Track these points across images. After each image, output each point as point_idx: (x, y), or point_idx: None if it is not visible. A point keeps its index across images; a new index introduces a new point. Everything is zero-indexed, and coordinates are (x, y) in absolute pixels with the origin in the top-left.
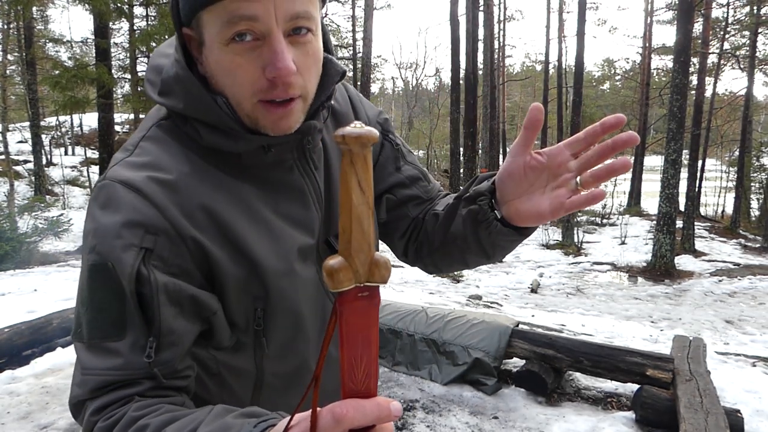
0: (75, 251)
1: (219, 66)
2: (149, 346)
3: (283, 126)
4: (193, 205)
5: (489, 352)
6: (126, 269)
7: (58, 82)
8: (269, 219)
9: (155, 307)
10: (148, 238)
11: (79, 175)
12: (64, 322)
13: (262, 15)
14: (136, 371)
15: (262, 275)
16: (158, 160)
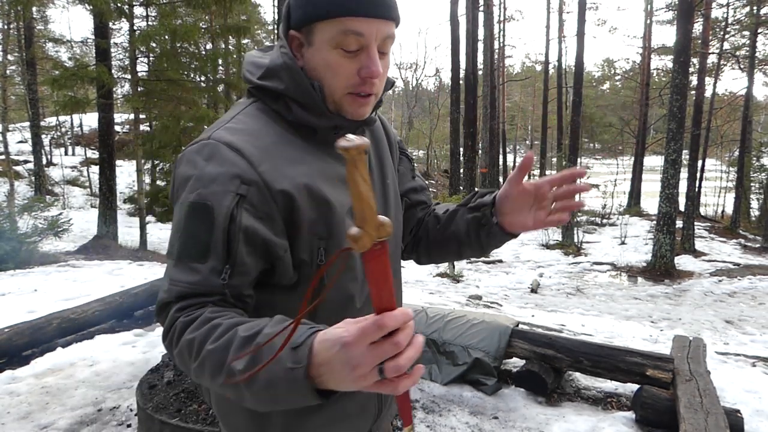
0: (75, 251)
1: (324, 63)
2: (225, 272)
3: (360, 113)
4: (281, 162)
5: (489, 352)
6: (223, 210)
7: (56, 81)
8: (334, 180)
9: (236, 243)
10: (243, 188)
11: (79, 175)
12: (64, 322)
13: (367, 33)
14: (211, 288)
15: (329, 218)
16: (252, 129)
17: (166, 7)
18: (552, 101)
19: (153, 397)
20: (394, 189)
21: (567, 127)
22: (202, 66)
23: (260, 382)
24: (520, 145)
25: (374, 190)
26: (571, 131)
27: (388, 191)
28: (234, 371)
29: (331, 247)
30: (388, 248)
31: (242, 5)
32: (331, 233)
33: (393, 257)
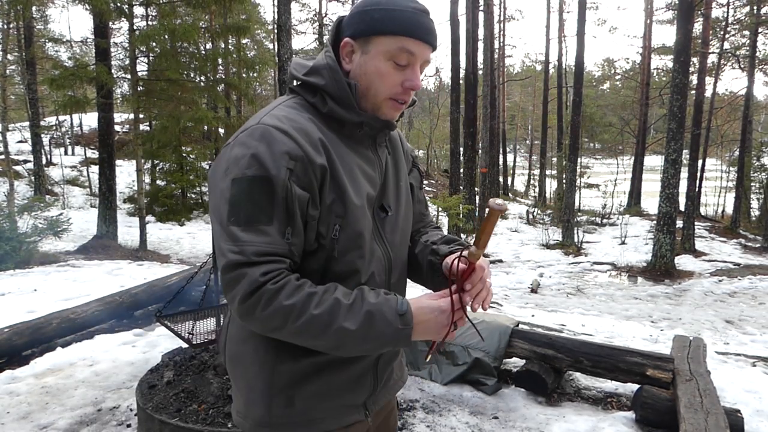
0: (75, 251)
1: (376, 70)
2: (288, 233)
3: (393, 115)
4: (317, 142)
5: (489, 352)
6: (281, 181)
7: (54, 81)
8: (354, 169)
9: (294, 208)
10: (291, 163)
11: (78, 175)
12: (64, 322)
13: (417, 54)
14: (280, 248)
15: (345, 200)
16: (292, 117)
17: (165, 6)
18: (552, 101)
19: (153, 397)
20: (406, 190)
21: (567, 126)
22: (201, 66)
23: (371, 339)
24: (520, 144)
25: (390, 187)
26: (571, 131)
27: (400, 191)
28: (347, 330)
29: (345, 226)
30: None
31: (242, 5)
32: (347, 213)
33: (402, 251)
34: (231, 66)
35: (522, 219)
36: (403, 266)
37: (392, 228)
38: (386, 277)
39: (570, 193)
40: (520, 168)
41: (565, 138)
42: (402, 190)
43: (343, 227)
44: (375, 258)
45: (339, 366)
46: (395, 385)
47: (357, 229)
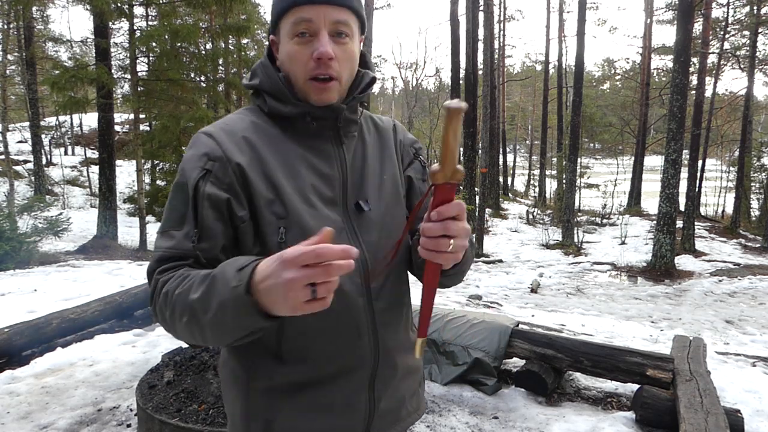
0: (75, 251)
1: (286, 53)
2: (194, 235)
3: (324, 98)
4: (241, 140)
5: (489, 352)
6: (191, 182)
7: (56, 82)
8: (296, 165)
9: (201, 209)
10: (210, 164)
11: (78, 175)
12: (64, 322)
13: (315, 18)
14: (184, 251)
15: (283, 199)
16: (230, 121)
17: (166, 7)
18: (552, 101)
19: (153, 397)
20: (393, 184)
21: (567, 127)
22: (201, 66)
23: (212, 308)
24: (520, 144)
25: (368, 182)
26: (571, 131)
27: (383, 185)
28: (193, 301)
29: (290, 227)
30: (455, 189)
31: (242, 5)
32: (289, 213)
33: (386, 251)
34: (231, 66)
35: (522, 219)
36: (389, 270)
37: (370, 226)
38: (362, 281)
39: (570, 193)
40: (520, 168)
41: (565, 138)
42: (386, 185)
43: (289, 229)
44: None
45: (320, 384)
46: (408, 417)
47: (306, 229)
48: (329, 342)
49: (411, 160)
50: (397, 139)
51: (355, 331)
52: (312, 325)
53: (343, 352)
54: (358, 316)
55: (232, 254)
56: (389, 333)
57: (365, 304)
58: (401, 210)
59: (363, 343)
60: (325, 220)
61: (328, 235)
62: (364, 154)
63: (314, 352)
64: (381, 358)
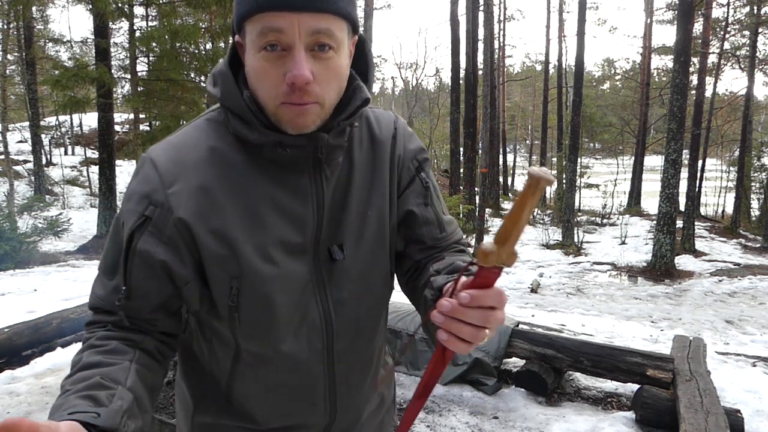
0: (75, 251)
1: (252, 69)
2: (122, 293)
3: (300, 123)
4: (193, 186)
5: (489, 352)
6: (126, 231)
7: (58, 81)
8: (260, 210)
9: (131, 265)
10: (150, 209)
11: (78, 175)
12: (64, 322)
13: (287, 28)
14: (111, 307)
15: (239, 257)
16: (184, 144)
17: (166, 7)
18: (552, 101)
19: None
20: (377, 223)
21: (567, 126)
22: (202, 66)
23: None
24: (520, 144)
25: (348, 220)
26: (571, 131)
27: (367, 223)
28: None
29: (245, 288)
30: (499, 275)
31: None
32: (243, 272)
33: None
34: None
35: None
36: (361, 326)
37: (342, 278)
38: (324, 345)
39: (570, 193)
40: (520, 168)
41: (565, 138)
42: (369, 223)
43: (243, 291)
44: (306, 323)
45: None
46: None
47: (262, 293)
48: (279, 404)
49: (411, 178)
50: (395, 153)
51: (309, 400)
52: (262, 384)
53: (294, 416)
54: (314, 384)
55: (174, 309)
56: (352, 392)
57: (325, 370)
58: (385, 252)
59: (317, 408)
60: (288, 279)
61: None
62: (349, 181)
63: (262, 409)
64: (338, 416)
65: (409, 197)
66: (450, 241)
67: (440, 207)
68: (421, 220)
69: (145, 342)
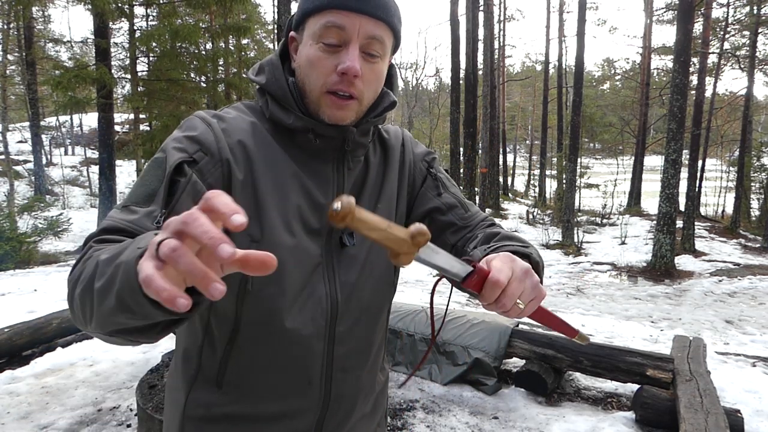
0: (75, 251)
1: (307, 58)
2: (160, 216)
3: (339, 116)
4: (236, 141)
5: (489, 352)
6: (172, 160)
7: (59, 82)
8: (288, 185)
9: (179, 193)
10: (199, 155)
11: (78, 175)
12: (64, 322)
13: (349, 27)
14: (141, 229)
15: (262, 219)
16: (229, 116)
17: (166, 7)
18: (552, 101)
19: (153, 397)
20: (387, 215)
21: (567, 126)
22: (202, 66)
23: (108, 273)
24: (520, 144)
25: (362, 204)
26: (571, 131)
27: (376, 213)
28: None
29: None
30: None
31: (242, 5)
32: (263, 237)
33: (364, 293)
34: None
35: (522, 219)
36: (364, 312)
37: (350, 264)
38: (326, 324)
39: (570, 193)
40: (520, 168)
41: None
42: (379, 214)
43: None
44: (312, 299)
45: (258, 422)
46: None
47: (277, 258)
48: (274, 383)
49: (424, 177)
50: (405, 158)
51: (305, 378)
52: (259, 362)
53: (288, 395)
54: (312, 362)
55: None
56: (347, 379)
57: (324, 349)
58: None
59: (312, 389)
60: (302, 253)
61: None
62: (365, 180)
63: (256, 390)
64: (331, 404)
65: (426, 194)
66: (478, 219)
67: (457, 191)
68: (443, 207)
69: None
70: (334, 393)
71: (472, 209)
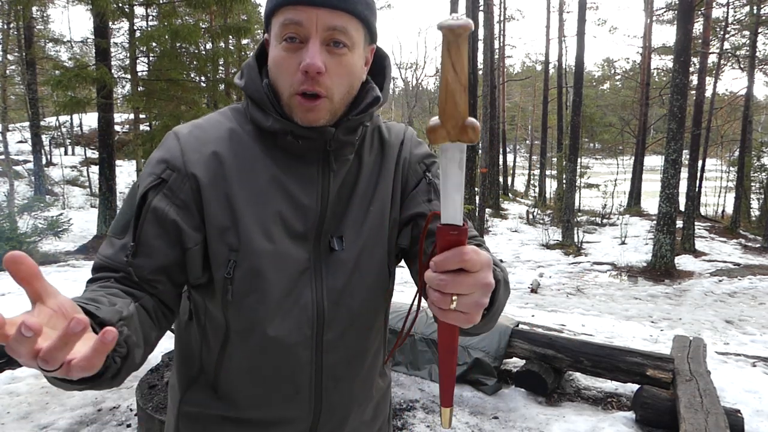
0: (75, 251)
1: (273, 60)
2: (130, 249)
3: (310, 117)
4: (209, 152)
5: (489, 352)
6: (141, 190)
7: (60, 82)
8: (267, 190)
9: (143, 221)
10: (167, 173)
11: (78, 175)
12: None
13: (306, 22)
14: (117, 264)
15: (238, 228)
16: (207, 124)
17: (166, 7)
18: (552, 101)
19: (153, 397)
20: (378, 219)
21: (567, 126)
22: (202, 66)
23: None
24: (520, 144)
25: (350, 215)
26: (571, 131)
27: (367, 219)
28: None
29: (241, 261)
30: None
31: (242, 5)
32: (241, 246)
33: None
34: (231, 66)
35: (522, 219)
36: (354, 319)
37: (339, 268)
38: (313, 332)
39: (570, 193)
40: (520, 168)
41: (565, 138)
42: (370, 218)
43: (239, 264)
44: (298, 306)
45: (251, 427)
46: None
47: (256, 268)
48: (261, 391)
49: (419, 180)
50: (402, 157)
51: (292, 387)
52: (246, 369)
53: (275, 404)
54: (299, 371)
55: (174, 277)
56: (340, 388)
57: (311, 358)
58: (382, 248)
59: (300, 398)
60: (285, 259)
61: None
62: (357, 180)
63: (246, 396)
64: (323, 414)
65: (416, 197)
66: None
67: None
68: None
69: (145, 299)
70: (325, 402)
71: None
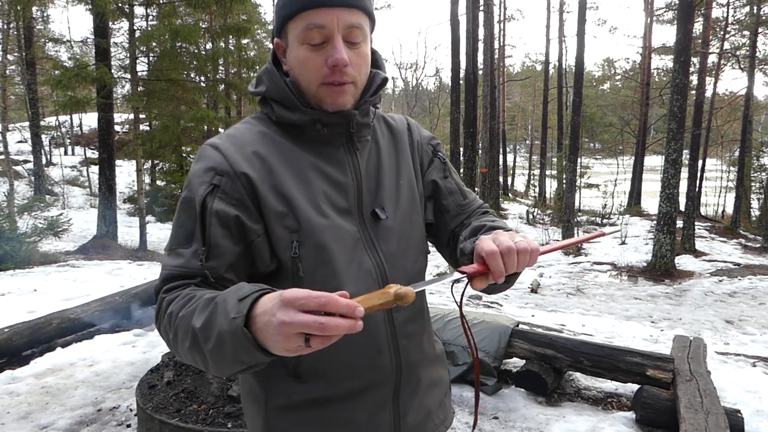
0: (75, 251)
1: (297, 60)
2: (201, 253)
3: (340, 102)
4: (250, 152)
5: (489, 352)
6: (198, 199)
7: (59, 82)
8: (308, 174)
9: (208, 226)
10: (217, 178)
11: (78, 175)
12: (64, 322)
13: (329, 24)
14: (192, 270)
15: (296, 211)
16: (238, 132)
17: (166, 7)
18: (552, 101)
19: (153, 397)
20: (409, 190)
21: (567, 126)
22: (202, 66)
23: (212, 338)
24: (520, 144)
25: (384, 188)
26: (571, 131)
27: (401, 191)
28: (194, 329)
29: (304, 239)
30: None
31: (242, 5)
32: (301, 226)
33: (405, 260)
34: (231, 66)
35: (522, 219)
36: (410, 279)
37: (388, 235)
38: None
39: (570, 193)
40: (520, 168)
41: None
42: (403, 190)
43: (302, 243)
44: (362, 272)
45: (341, 401)
46: (435, 430)
47: (319, 242)
48: (347, 360)
49: (431, 159)
50: (414, 139)
51: (375, 348)
52: (330, 346)
53: (363, 369)
54: (378, 331)
55: (241, 272)
56: (412, 345)
57: (385, 317)
58: (418, 216)
59: (383, 358)
60: (340, 231)
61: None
62: (379, 159)
63: (332, 371)
64: (404, 373)
65: (432, 173)
66: (474, 207)
67: (459, 178)
68: (445, 191)
69: None
70: (404, 361)
71: (469, 197)
